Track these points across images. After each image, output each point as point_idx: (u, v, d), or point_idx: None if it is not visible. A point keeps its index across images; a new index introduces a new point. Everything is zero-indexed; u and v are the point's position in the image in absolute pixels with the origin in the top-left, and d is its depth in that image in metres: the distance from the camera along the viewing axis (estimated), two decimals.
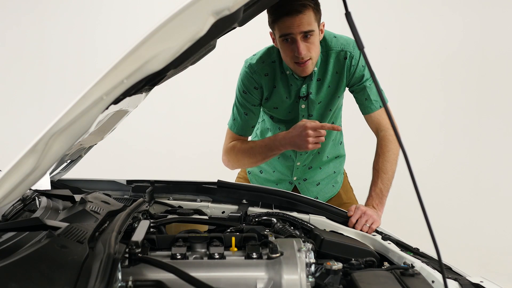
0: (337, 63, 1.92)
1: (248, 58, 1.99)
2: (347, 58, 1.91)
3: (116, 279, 0.93)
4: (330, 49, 1.91)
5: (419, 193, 0.88)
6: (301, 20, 1.72)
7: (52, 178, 1.89)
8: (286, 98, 1.98)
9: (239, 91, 2.00)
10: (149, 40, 0.86)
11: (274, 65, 1.94)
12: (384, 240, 1.54)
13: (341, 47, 1.91)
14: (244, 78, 1.97)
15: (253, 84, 1.95)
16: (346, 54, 1.91)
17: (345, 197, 2.26)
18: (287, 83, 1.95)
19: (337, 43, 1.91)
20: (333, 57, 1.91)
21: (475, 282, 1.21)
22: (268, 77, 1.95)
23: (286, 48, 1.80)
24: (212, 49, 1.36)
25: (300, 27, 1.73)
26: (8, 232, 1.07)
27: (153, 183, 1.88)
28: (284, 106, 2.00)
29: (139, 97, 1.33)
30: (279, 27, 1.76)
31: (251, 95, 1.97)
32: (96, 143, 1.82)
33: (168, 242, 1.20)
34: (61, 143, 0.90)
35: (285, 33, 1.75)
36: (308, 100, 1.97)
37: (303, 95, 1.95)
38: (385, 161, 1.90)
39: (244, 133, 2.06)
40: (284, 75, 1.94)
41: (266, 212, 1.67)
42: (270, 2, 1.29)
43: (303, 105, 1.98)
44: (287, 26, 1.74)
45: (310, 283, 1.08)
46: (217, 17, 0.87)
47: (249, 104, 1.99)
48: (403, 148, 0.91)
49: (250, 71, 1.95)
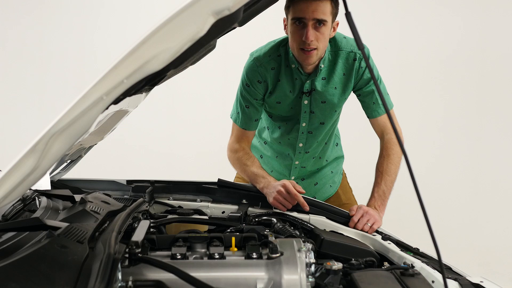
0: (346, 65, 1.91)
1: (253, 51, 1.98)
2: (356, 59, 1.90)
3: (116, 279, 0.93)
4: (340, 50, 1.90)
5: (419, 193, 0.89)
6: (317, 6, 1.71)
7: (52, 178, 1.89)
8: (290, 92, 1.96)
9: (242, 84, 1.98)
10: (149, 40, 0.86)
11: (280, 59, 1.93)
12: (384, 240, 1.54)
13: (351, 48, 1.90)
14: (249, 70, 1.95)
15: (257, 78, 1.94)
16: (355, 55, 1.90)
17: (344, 198, 2.26)
18: (292, 76, 1.93)
19: (347, 44, 1.91)
20: (342, 58, 1.91)
21: (475, 282, 1.20)
22: (274, 71, 1.94)
23: (295, 32, 1.78)
24: (212, 49, 1.36)
25: (314, 13, 1.72)
26: (8, 232, 1.07)
27: (153, 183, 1.88)
28: (287, 101, 1.99)
29: (139, 97, 1.33)
30: (294, 9, 1.75)
31: (254, 89, 1.95)
32: (96, 143, 1.82)
33: (168, 242, 1.20)
34: (61, 143, 0.90)
35: (298, 16, 1.74)
36: (311, 96, 1.95)
37: (307, 90, 1.94)
38: (390, 163, 1.90)
39: (247, 127, 2.04)
40: (289, 69, 1.93)
41: (266, 212, 1.67)
42: (270, 2, 1.29)
43: (306, 101, 1.96)
44: (302, 10, 1.73)
45: (310, 283, 1.08)
46: (217, 17, 0.87)
47: (251, 98, 1.97)
48: (403, 148, 0.91)
49: (256, 64, 1.93)
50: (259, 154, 2.24)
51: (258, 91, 1.96)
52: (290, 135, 2.09)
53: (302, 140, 2.07)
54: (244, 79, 1.97)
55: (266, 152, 2.21)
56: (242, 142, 2.05)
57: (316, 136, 2.07)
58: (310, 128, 2.04)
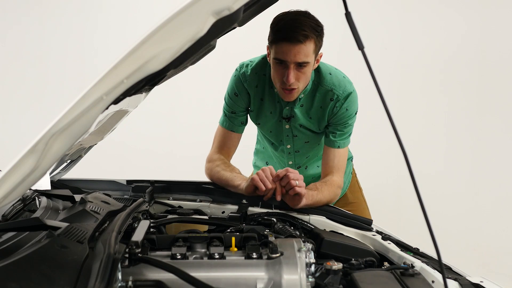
0: (323, 100, 1.89)
1: (243, 63, 1.98)
2: (333, 100, 1.87)
3: (116, 279, 0.93)
4: (320, 85, 1.88)
5: (419, 193, 0.88)
6: (299, 50, 1.68)
7: (52, 178, 1.89)
8: (270, 114, 1.97)
9: (228, 93, 1.99)
10: (149, 40, 0.87)
11: (265, 79, 1.93)
12: (384, 240, 1.53)
13: (331, 87, 1.87)
14: (236, 82, 1.96)
15: (244, 90, 1.94)
16: (333, 96, 1.87)
17: (351, 197, 2.24)
18: (274, 99, 1.94)
19: (329, 81, 1.88)
20: (321, 93, 1.88)
21: (475, 282, 1.20)
22: (257, 89, 1.94)
23: (276, 71, 1.77)
24: (212, 49, 1.36)
25: (296, 57, 1.69)
26: (8, 232, 1.07)
27: (153, 183, 1.88)
28: (267, 123, 2.00)
29: (139, 97, 1.33)
30: (276, 49, 1.73)
31: (240, 99, 1.96)
32: (96, 143, 1.82)
33: (168, 242, 1.20)
34: (61, 143, 0.90)
35: (279, 58, 1.72)
36: (290, 122, 1.96)
37: (286, 116, 1.94)
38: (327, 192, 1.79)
39: (233, 129, 2.01)
40: (272, 91, 1.93)
41: (266, 212, 1.67)
42: (270, 2, 1.29)
43: (287, 126, 1.98)
44: (284, 52, 1.70)
45: (310, 283, 1.08)
46: (217, 17, 0.87)
47: (237, 106, 1.98)
48: (403, 148, 0.91)
49: (242, 79, 1.94)
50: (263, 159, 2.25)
51: (243, 101, 1.97)
52: (277, 153, 2.12)
53: (290, 159, 2.09)
54: (232, 88, 1.96)
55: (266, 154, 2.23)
56: (223, 152, 2.01)
57: (304, 153, 2.08)
58: (296, 148, 2.05)
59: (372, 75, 0.94)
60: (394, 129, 0.90)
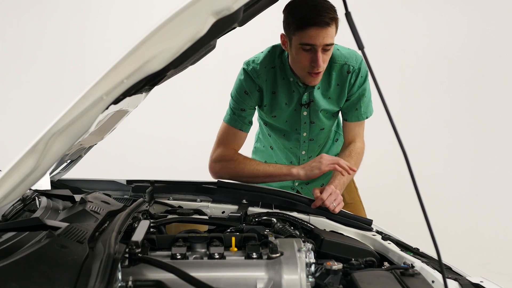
0: (340, 76, 1.93)
1: (248, 60, 1.97)
2: (350, 72, 1.91)
3: (116, 279, 0.93)
4: (334, 62, 1.91)
5: (419, 193, 0.88)
6: (327, 33, 1.72)
7: (52, 178, 1.89)
8: (285, 105, 1.97)
9: (236, 91, 1.97)
10: (149, 40, 0.87)
11: (274, 71, 1.93)
12: (384, 240, 1.54)
13: (344, 60, 1.91)
14: (244, 81, 1.94)
15: (255, 87, 1.93)
16: (349, 68, 1.91)
17: (348, 198, 2.24)
18: (289, 89, 1.94)
19: (341, 56, 1.91)
20: (336, 70, 1.92)
21: (475, 282, 1.21)
22: (267, 83, 1.94)
23: (303, 57, 1.78)
24: (212, 49, 1.36)
25: (325, 40, 1.73)
26: (8, 232, 1.07)
27: (153, 183, 1.88)
28: (282, 114, 2.00)
29: (139, 97, 1.33)
30: (303, 35, 1.73)
31: (250, 97, 1.95)
32: (96, 143, 1.82)
33: (168, 242, 1.20)
34: (61, 143, 0.90)
35: (308, 42, 1.73)
36: (310, 107, 1.97)
37: (305, 102, 1.95)
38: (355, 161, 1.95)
39: (241, 127, 1.99)
40: (286, 81, 1.93)
41: (266, 212, 1.67)
42: (270, 2, 1.29)
43: (305, 112, 1.99)
44: (312, 37, 1.72)
45: (310, 283, 1.08)
46: (217, 17, 0.87)
47: (246, 105, 1.97)
48: (403, 148, 0.91)
49: (254, 75, 1.92)
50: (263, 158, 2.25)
51: (253, 100, 1.96)
52: (291, 143, 2.11)
53: (304, 148, 2.09)
54: (241, 86, 1.94)
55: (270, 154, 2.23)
56: (229, 148, 1.99)
57: (318, 141, 2.10)
58: (312, 136, 2.07)
59: (372, 75, 0.94)
60: (394, 129, 0.90)
